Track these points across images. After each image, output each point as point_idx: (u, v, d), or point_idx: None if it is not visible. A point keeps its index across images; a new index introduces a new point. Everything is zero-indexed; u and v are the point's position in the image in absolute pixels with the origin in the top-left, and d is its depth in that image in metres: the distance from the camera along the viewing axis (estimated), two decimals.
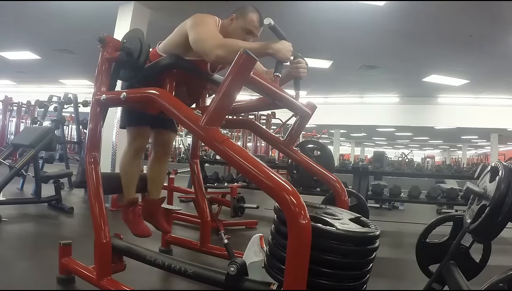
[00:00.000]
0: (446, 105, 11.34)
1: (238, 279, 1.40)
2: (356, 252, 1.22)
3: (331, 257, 1.18)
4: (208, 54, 1.65)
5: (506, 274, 1.17)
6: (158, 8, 4.98)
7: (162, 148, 2.34)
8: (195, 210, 3.29)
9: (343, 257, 1.19)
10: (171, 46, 1.92)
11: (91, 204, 1.73)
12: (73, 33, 6.45)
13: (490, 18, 4.93)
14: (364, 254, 1.24)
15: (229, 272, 1.41)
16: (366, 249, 1.24)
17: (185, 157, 14.04)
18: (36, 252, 2.47)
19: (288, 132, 2.15)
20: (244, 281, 1.41)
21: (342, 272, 1.20)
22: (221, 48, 1.60)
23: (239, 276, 1.40)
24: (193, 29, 1.73)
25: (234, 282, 1.40)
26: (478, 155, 25.75)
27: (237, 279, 1.40)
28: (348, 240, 1.20)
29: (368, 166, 4.78)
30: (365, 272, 1.26)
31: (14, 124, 11.34)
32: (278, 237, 1.26)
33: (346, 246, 1.19)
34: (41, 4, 5.35)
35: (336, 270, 1.19)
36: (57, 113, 5.41)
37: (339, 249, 1.18)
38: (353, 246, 1.21)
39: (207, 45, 1.65)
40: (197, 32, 1.72)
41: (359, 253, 1.23)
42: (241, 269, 1.41)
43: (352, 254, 1.21)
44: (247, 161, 1.21)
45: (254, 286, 1.40)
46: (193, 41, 1.71)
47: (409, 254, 2.16)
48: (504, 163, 1.40)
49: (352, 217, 1.40)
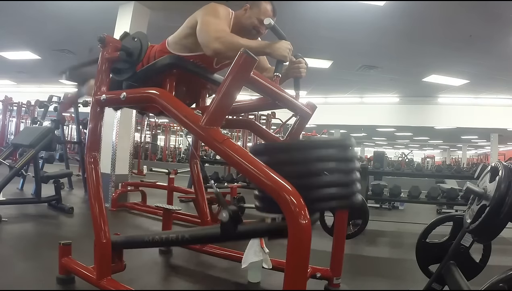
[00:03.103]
0: (446, 105, 11.33)
1: (233, 225, 1.37)
2: (339, 156, 1.35)
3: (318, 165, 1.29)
4: (206, 46, 1.66)
5: (506, 274, 1.17)
6: (158, 8, 4.98)
7: None
8: (195, 210, 3.30)
9: (329, 162, 1.31)
10: (181, 38, 1.90)
11: (91, 204, 1.73)
12: (73, 33, 6.44)
13: (490, 18, 4.93)
14: (345, 158, 1.36)
15: (222, 220, 1.38)
16: (346, 153, 1.37)
17: (185, 157, 14.07)
18: (36, 252, 2.47)
19: (288, 132, 2.15)
20: (239, 227, 1.39)
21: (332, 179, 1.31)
22: (220, 42, 1.61)
23: (233, 221, 1.37)
24: (201, 18, 1.74)
25: (230, 229, 1.38)
26: (478, 155, 25.73)
27: (232, 225, 1.37)
28: (330, 145, 1.36)
29: (368, 166, 4.78)
30: (353, 180, 1.36)
31: (14, 124, 11.33)
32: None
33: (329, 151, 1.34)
34: (41, 4, 5.35)
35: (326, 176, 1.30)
36: (57, 113, 5.41)
37: (324, 155, 1.31)
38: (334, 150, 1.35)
39: (208, 37, 1.65)
40: (203, 21, 1.72)
41: (342, 157, 1.35)
42: (234, 214, 1.38)
43: (335, 157, 1.34)
44: (247, 161, 1.21)
45: (250, 227, 1.42)
46: (198, 31, 1.72)
47: (409, 254, 2.16)
48: (504, 163, 1.41)
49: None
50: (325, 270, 2.04)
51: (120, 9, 4.97)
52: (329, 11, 5.06)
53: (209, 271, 2.36)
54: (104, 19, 5.04)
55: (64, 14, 5.66)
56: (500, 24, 5.07)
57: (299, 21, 5.36)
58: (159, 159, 13.92)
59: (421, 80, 8.75)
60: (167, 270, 2.39)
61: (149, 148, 13.12)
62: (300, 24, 5.44)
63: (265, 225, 1.37)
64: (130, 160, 4.93)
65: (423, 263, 1.90)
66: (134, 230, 3.39)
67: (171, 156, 15.01)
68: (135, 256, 2.30)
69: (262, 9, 1.85)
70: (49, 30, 6.52)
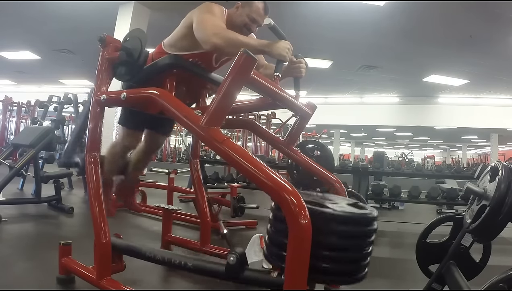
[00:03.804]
0: (446, 105, 11.35)
1: (238, 269, 1.38)
2: (354, 233, 1.20)
3: (329, 239, 1.15)
4: (205, 41, 1.66)
5: (506, 274, 1.17)
6: (158, 8, 4.99)
7: (153, 147, 2.49)
8: (195, 210, 3.30)
9: (342, 239, 1.17)
10: (178, 39, 1.91)
11: (91, 204, 1.73)
12: (73, 33, 6.45)
13: (490, 18, 4.93)
14: (362, 235, 1.21)
15: (229, 262, 1.38)
16: (364, 230, 1.21)
17: (185, 157, 14.07)
18: (36, 252, 2.47)
19: (288, 132, 2.14)
20: (244, 271, 1.39)
21: (341, 255, 1.18)
22: (219, 37, 1.61)
23: (240, 265, 1.38)
24: (198, 17, 1.75)
25: (235, 271, 1.38)
26: (478, 155, 25.74)
27: (237, 269, 1.37)
28: (346, 221, 1.17)
29: (368, 166, 4.78)
30: (365, 254, 1.23)
31: (14, 124, 11.33)
32: (276, 223, 1.24)
33: (344, 227, 1.17)
34: (41, 4, 5.36)
35: (335, 252, 1.17)
36: (57, 113, 5.41)
37: (337, 231, 1.16)
38: (351, 227, 1.18)
39: (206, 33, 1.66)
40: (200, 19, 1.73)
41: (357, 234, 1.20)
42: (241, 258, 1.38)
43: (350, 235, 1.18)
44: (247, 161, 1.21)
45: (254, 275, 1.39)
46: (195, 28, 1.73)
47: (409, 254, 2.16)
48: (504, 163, 1.41)
49: (349, 202, 1.39)
50: None
51: (120, 9, 4.98)
52: (329, 11, 5.07)
53: None
54: (104, 19, 5.06)
55: (64, 14, 5.66)
56: (500, 24, 5.08)
57: (299, 21, 5.37)
58: (159, 159, 13.91)
59: (421, 80, 8.76)
60: (167, 270, 2.39)
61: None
62: (300, 24, 5.44)
63: (269, 278, 1.35)
64: None
65: (423, 263, 1.90)
66: (134, 230, 3.39)
67: (171, 156, 15.01)
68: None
69: (254, 7, 1.86)
70: (49, 30, 6.52)
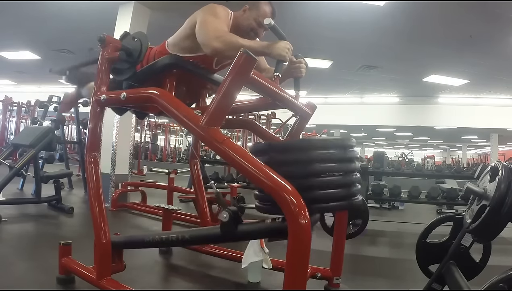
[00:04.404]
0: (446, 105, 11.33)
1: (233, 225, 1.37)
2: (338, 156, 1.33)
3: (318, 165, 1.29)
4: (206, 45, 1.66)
5: (506, 274, 1.17)
6: (158, 8, 4.98)
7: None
8: (195, 210, 3.30)
9: (329, 162, 1.31)
10: (181, 39, 1.90)
11: (91, 204, 1.73)
12: (73, 33, 6.44)
13: (490, 18, 4.93)
14: (346, 159, 1.35)
15: (222, 220, 1.38)
16: (346, 153, 1.36)
17: (185, 157, 14.07)
18: (36, 252, 2.47)
19: (288, 132, 2.15)
20: (238, 226, 1.39)
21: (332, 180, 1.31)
22: (220, 41, 1.61)
23: (233, 221, 1.37)
24: (201, 18, 1.74)
25: (230, 229, 1.38)
26: (478, 155, 25.73)
27: (232, 225, 1.37)
28: (331, 146, 1.33)
29: (368, 166, 4.78)
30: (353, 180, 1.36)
31: (14, 124, 11.33)
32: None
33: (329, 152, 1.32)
34: (41, 4, 5.35)
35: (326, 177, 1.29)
36: (57, 113, 5.41)
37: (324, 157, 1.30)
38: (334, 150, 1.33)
39: (207, 36, 1.66)
40: (202, 21, 1.72)
41: (341, 157, 1.34)
42: (234, 215, 1.38)
43: (335, 158, 1.33)
44: (247, 161, 1.21)
45: (251, 227, 1.41)
46: (197, 30, 1.72)
47: (409, 254, 2.16)
48: (504, 163, 1.41)
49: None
50: (325, 270, 2.04)
51: (120, 9, 4.97)
52: (329, 11, 5.06)
53: (209, 271, 2.35)
54: (104, 19, 5.04)
55: (64, 14, 5.66)
56: (500, 24, 5.07)
57: (299, 21, 5.36)
58: (159, 159, 13.92)
59: (421, 80, 8.75)
60: (167, 270, 2.39)
61: (149, 147, 13.13)
62: (300, 24, 5.44)
63: (265, 225, 1.37)
64: (130, 160, 4.94)
65: (423, 263, 1.90)
66: (134, 230, 3.39)
67: (171, 156, 15.01)
68: (135, 256, 2.30)
69: (261, 10, 1.85)
70: (49, 30, 6.52)
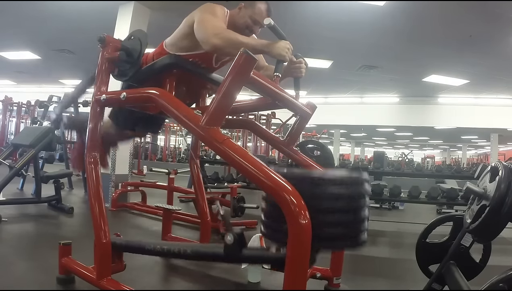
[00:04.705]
0: (446, 105, 11.34)
1: (237, 248, 1.36)
2: (350, 194, 1.20)
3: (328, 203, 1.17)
4: (205, 42, 1.67)
5: (506, 274, 1.17)
6: (158, 8, 4.98)
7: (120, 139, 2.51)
8: (195, 210, 3.30)
9: (339, 201, 1.18)
10: (179, 38, 1.90)
11: (91, 204, 1.73)
12: (73, 33, 6.45)
13: (490, 18, 4.93)
14: (357, 196, 1.22)
15: (227, 242, 1.36)
16: (358, 190, 1.23)
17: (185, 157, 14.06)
18: (36, 252, 2.47)
19: (288, 132, 2.15)
20: (243, 250, 1.38)
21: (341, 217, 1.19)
22: (219, 38, 1.61)
23: (238, 245, 1.36)
24: (199, 17, 1.75)
25: (234, 251, 1.36)
26: (478, 155, 25.73)
27: (236, 248, 1.36)
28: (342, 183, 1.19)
29: (368, 166, 4.78)
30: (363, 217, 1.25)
31: (14, 124, 11.34)
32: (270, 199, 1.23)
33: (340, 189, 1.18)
34: (41, 4, 5.35)
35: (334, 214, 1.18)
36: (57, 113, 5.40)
37: (334, 193, 1.17)
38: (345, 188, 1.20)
39: (206, 33, 1.66)
40: (201, 19, 1.73)
41: (353, 195, 1.21)
42: (239, 237, 1.36)
43: (346, 196, 1.20)
44: (247, 161, 1.21)
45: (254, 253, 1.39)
46: (195, 29, 1.73)
47: (409, 254, 2.16)
48: (504, 163, 1.41)
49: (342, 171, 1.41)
50: (325, 270, 2.04)
51: (120, 9, 4.97)
52: (329, 11, 5.06)
53: (209, 271, 2.35)
54: (104, 19, 5.05)
55: (64, 14, 5.66)
56: (500, 24, 5.07)
57: (299, 21, 5.37)
58: (159, 159, 13.93)
59: (421, 80, 8.76)
60: (167, 270, 2.39)
61: (149, 147, 13.13)
62: (300, 24, 5.44)
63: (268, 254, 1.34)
64: (130, 160, 4.93)
65: (423, 263, 1.90)
66: (134, 230, 3.39)
67: (171, 156, 15.02)
68: (135, 256, 2.29)
69: (256, 9, 1.86)
70: (49, 30, 6.52)
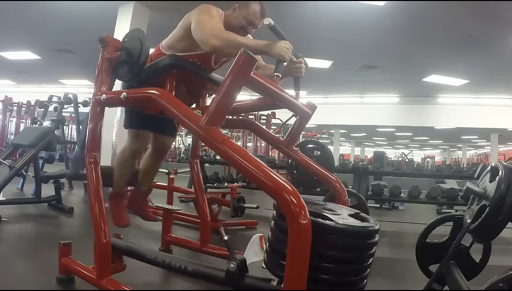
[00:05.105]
0: (446, 105, 11.35)
1: (238, 276, 1.38)
2: (356, 245, 1.20)
3: (330, 251, 1.16)
4: (204, 42, 1.67)
5: (506, 274, 1.17)
6: (158, 8, 4.99)
7: (160, 150, 2.43)
8: (195, 210, 3.30)
9: (343, 252, 1.18)
10: (176, 40, 1.91)
11: (91, 204, 1.73)
12: (73, 33, 6.45)
13: (490, 18, 4.93)
14: (363, 248, 1.22)
15: (229, 269, 1.39)
16: (365, 243, 1.22)
17: (185, 157, 14.06)
18: (36, 252, 2.47)
19: (288, 132, 2.15)
20: (244, 278, 1.40)
21: (342, 267, 1.19)
22: (218, 38, 1.62)
23: (240, 273, 1.39)
24: (196, 18, 1.76)
25: (235, 279, 1.39)
26: (478, 155, 25.74)
27: (237, 276, 1.38)
28: (347, 234, 1.17)
29: (368, 166, 4.78)
30: (365, 266, 1.24)
31: (14, 124, 11.35)
32: (278, 233, 1.25)
33: (345, 240, 1.17)
34: (41, 4, 5.36)
35: (336, 264, 1.17)
36: (57, 113, 5.41)
37: (338, 243, 1.16)
38: (352, 239, 1.19)
39: (205, 34, 1.67)
40: (198, 20, 1.74)
41: (358, 247, 1.21)
42: (242, 266, 1.39)
43: (351, 248, 1.19)
44: (247, 161, 1.21)
45: (254, 282, 1.39)
46: (193, 30, 1.74)
47: (409, 254, 2.16)
48: (504, 163, 1.40)
49: (351, 213, 1.39)
50: None
51: (120, 9, 4.98)
52: (329, 11, 5.06)
53: None
54: (104, 19, 5.05)
55: (64, 14, 5.66)
56: (500, 24, 5.08)
57: (299, 21, 5.37)
58: None
59: (421, 80, 8.76)
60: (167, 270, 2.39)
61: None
62: (300, 24, 5.44)
63: (269, 286, 1.35)
64: None
65: (423, 263, 1.90)
66: (134, 230, 3.39)
67: (171, 156, 15.01)
68: None
69: (250, 10, 1.87)
70: (49, 30, 6.52)
